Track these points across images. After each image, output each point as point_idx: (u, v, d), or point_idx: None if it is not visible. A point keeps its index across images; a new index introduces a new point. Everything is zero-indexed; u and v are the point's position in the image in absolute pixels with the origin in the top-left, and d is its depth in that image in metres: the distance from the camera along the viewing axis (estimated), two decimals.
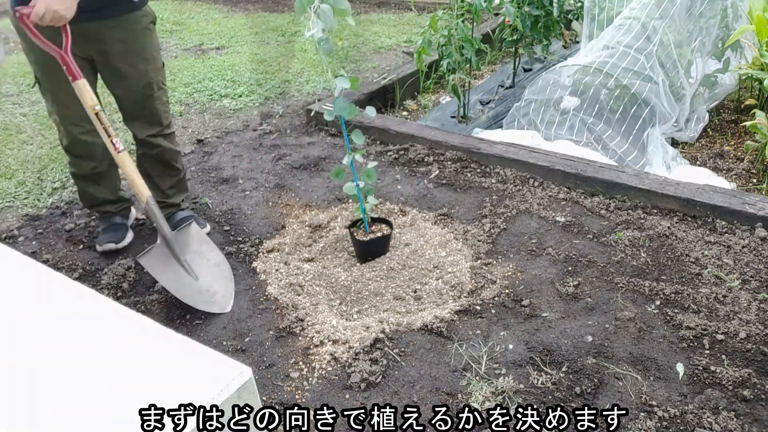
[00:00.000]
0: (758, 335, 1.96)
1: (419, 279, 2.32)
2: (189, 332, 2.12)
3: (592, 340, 1.98)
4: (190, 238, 2.34)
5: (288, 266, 2.42)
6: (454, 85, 3.52)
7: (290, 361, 1.97)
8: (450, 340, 2.01)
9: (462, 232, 2.58)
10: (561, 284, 2.23)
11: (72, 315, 1.09)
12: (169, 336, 1.03)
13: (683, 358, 1.90)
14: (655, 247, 2.41)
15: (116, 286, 2.35)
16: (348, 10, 1.98)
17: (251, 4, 7.27)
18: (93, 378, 0.95)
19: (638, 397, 1.77)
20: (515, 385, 1.81)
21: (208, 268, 2.30)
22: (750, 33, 3.27)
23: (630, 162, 3.14)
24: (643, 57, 3.19)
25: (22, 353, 1.00)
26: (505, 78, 4.47)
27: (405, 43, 5.34)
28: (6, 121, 4.00)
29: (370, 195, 2.40)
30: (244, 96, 4.29)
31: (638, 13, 3.31)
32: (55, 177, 3.25)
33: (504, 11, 3.52)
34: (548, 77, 3.43)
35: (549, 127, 3.36)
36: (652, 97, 3.20)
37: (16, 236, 2.74)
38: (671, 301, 2.13)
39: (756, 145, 3.02)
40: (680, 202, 2.61)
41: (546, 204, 2.74)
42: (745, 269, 2.27)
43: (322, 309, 2.18)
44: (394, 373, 1.89)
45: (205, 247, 2.37)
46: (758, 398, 1.75)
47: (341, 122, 2.30)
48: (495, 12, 4.49)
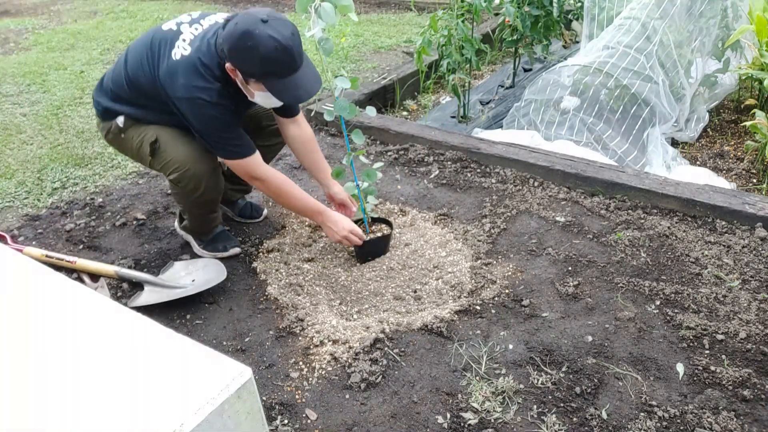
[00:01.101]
0: (758, 335, 1.96)
1: (419, 279, 2.32)
2: (189, 332, 2.12)
3: (592, 340, 1.98)
4: (175, 274, 2.39)
5: (288, 266, 2.42)
6: (454, 85, 3.52)
7: (290, 361, 1.97)
8: (450, 340, 2.01)
9: (462, 232, 2.58)
10: (561, 284, 2.23)
11: (72, 315, 1.09)
12: (169, 336, 1.03)
13: (683, 358, 1.90)
14: (655, 247, 2.41)
15: (116, 286, 2.35)
16: (351, 6, 1.98)
17: (251, 4, 7.28)
18: (93, 378, 0.95)
19: (638, 397, 1.77)
20: (515, 385, 1.81)
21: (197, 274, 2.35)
22: (750, 33, 3.27)
23: (630, 162, 3.14)
24: (643, 57, 3.19)
25: (22, 353, 1.00)
26: (505, 78, 4.47)
27: (405, 43, 5.34)
28: (6, 121, 4.00)
29: (371, 195, 2.40)
30: None
31: (638, 13, 3.31)
32: (55, 177, 3.25)
33: (504, 11, 3.52)
34: (548, 77, 3.43)
35: (549, 127, 3.36)
36: (652, 97, 3.20)
37: (16, 236, 2.74)
38: (671, 301, 2.13)
39: (756, 145, 3.02)
40: (680, 202, 2.61)
41: (546, 204, 2.74)
42: (745, 269, 2.27)
43: (322, 309, 2.18)
44: (394, 373, 1.89)
45: (191, 267, 2.41)
46: (758, 398, 1.75)
47: (341, 122, 2.29)
48: (495, 12, 4.49)
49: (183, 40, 2.01)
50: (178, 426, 0.86)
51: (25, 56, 5.47)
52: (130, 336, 1.03)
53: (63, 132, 3.80)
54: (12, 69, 5.06)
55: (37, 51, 5.64)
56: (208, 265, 2.39)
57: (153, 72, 2.04)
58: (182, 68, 1.96)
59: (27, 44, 5.92)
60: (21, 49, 5.78)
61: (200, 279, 2.31)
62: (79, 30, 6.28)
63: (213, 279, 2.29)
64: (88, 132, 3.79)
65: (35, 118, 4.03)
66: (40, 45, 5.82)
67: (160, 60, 2.02)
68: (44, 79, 4.79)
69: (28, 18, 7.09)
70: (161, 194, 3.03)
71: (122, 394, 0.91)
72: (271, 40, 1.82)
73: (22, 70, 4.98)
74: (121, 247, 2.62)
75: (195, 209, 2.36)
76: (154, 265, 2.49)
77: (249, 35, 1.82)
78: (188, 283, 2.29)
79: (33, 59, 5.33)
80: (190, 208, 2.36)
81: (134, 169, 3.31)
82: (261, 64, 1.86)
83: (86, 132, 3.79)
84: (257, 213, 2.75)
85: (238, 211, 2.74)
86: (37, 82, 4.73)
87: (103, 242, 2.67)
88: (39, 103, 4.28)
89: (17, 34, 6.36)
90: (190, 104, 1.98)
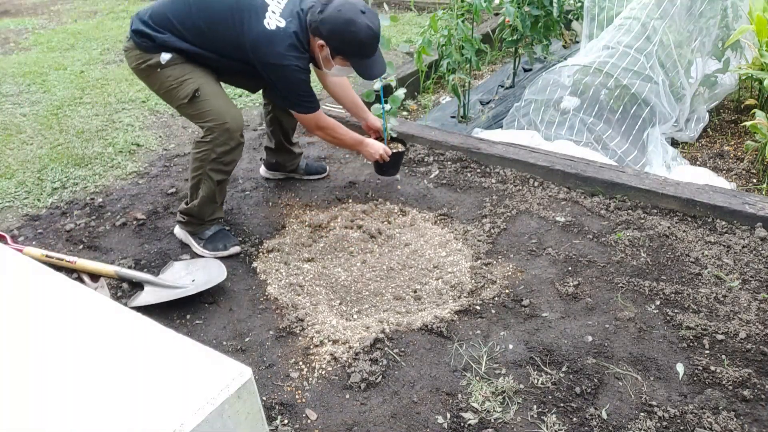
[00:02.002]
0: (758, 335, 1.96)
1: (419, 279, 2.32)
2: (189, 332, 2.12)
3: (592, 340, 1.98)
4: (174, 270, 2.41)
5: (288, 266, 2.42)
6: (454, 85, 3.52)
7: (290, 361, 1.97)
8: (450, 340, 2.01)
9: (462, 232, 2.58)
10: (561, 284, 2.23)
11: (72, 315, 1.09)
12: (169, 336, 1.03)
13: (683, 358, 1.90)
14: (655, 247, 2.41)
15: (116, 286, 2.35)
16: None
17: None
18: (93, 378, 0.95)
19: (638, 397, 1.77)
20: (515, 385, 1.81)
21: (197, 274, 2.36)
22: (750, 33, 3.27)
23: (630, 162, 3.14)
24: (643, 57, 3.19)
25: (22, 353, 1.00)
26: (505, 78, 4.47)
27: (405, 43, 5.34)
28: (6, 121, 4.00)
29: (393, 117, 2.95)
30: (244, 96, 4.29)
31: (638, 13, 3.31)
32: (55, 177, 3.25)
33: (504, 11, 3.52)
34: (548, 77, 3.43)
35: (549, 127, 3.36)
36: (652, 97, 3.20)
37: (16, 236, 2.74)
38: (671, 301, 2.13)
39: (756, 145, 3.02)
40: (680, 202, 2.61)
41: (546, 204, 2.74)
42: (745, 269, 2.27)
43: (322, 309, 2.18)
44: (394, 373, 1.89)
45: (191, 267, 2.42)
46: (758, 398, 1.75)
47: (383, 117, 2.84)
48: (495, 12, 4.49)
49: (273, 12, 2.29)
50: (178, 426, 0.86)
51: (25, 56, 5.47)
52: (130, 336, 1.03)
53: (63, 132, 3.80)
54: (12, 69, 5.06)
55: (37, 51, 5.63)
56: (208, 264, 2.39)
57: (238, 30, 2.28)
58: (280, 38, 2.26)
59: (27, 44, 5.92)
60: (21, 49, 5.78)
61: (200, 279, 2.31)
62: (79, 30, 6.28)
63: (213, 279, 2.29)
64: (88, 132, 3.79)
65: (35, 118, 4.03)
66: (40, 45, 5.82)
67: (250, 24, 2.27)
68: (44, 79, 4.79)
69: (28, 18, 7.09)
70: (161, 194, 3.03)
71: (122, 394, 0.91)
72: (368, 29, 2.26)
73: (22, 70, 4.98)
74: (121, 247, 2.62)
75: (212, 175, 2.41)
76: (154, 265, 2.49)
77: (352, 23, 2.23)
78: (188, 283, 2.29)
79: (33, 59, 5.33)
80: (207, 173, 2.40)
81: (134, 169, 3.31)
82: (357, 47, 2.30)
83: (86, 132, 3.79)
84: (322, 169, 3.13)
85: (305, 170, 3.09)
86: (37, 82, 4.73)
87: (103, 242, 2.67)
88: (39, 103, 4.28)
89: (17, 34, 6.36)
90: (283, 69, 2.30)
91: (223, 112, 2.34)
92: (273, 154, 3.01)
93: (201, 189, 2.45)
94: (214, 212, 2.53)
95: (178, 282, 2.31)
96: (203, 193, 2.45)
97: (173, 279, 2.34)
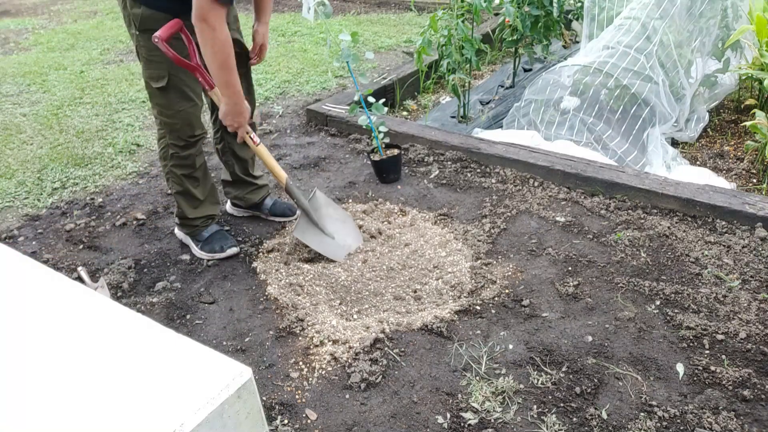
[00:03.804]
0: (758, 335, 1.96)
1: (419, 279, 2.32)
2: (189, 332, 2.12)
3: (592, 340, 1.98)
4: (318, 203, 2.54)
5: (288, 266, 2.42)
6: (454, 85, 3.52)
7: (290, 361, 1.97)
8: (450, 340, 2.01)
9: (462, 232, 2.58)
10: (561, 284, 2.23)
11: (72, 315, 1.09)
12: (169, 336, 1.03)
13: (683, 358, 1.90)
14: (655, 247, 2.41)
15: (116, 286, 2.35)
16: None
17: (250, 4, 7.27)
18: (93, 378, 0.95)
19: (638, 397, 1.77)
20: (515, 385, 1.81)
21: (337, 225, 2.53)
22: (750, 33, 3.27)
23: (630, 162, 3.14)
24: (643, 57, 3.19)
25: (22, 353, 1.00)
26: (505, 78, 4.47)
27: (405, 43, 5.34)
28: (6, 121, 4.00)
29: (382, 126, 2.99)
30: None
31: (638, 13, 3.31)
32: (55, 177, 3.25)
33: (504, 11, 3.52)
34: (548, 77, 3.43)
35: (549, 127, 3.36)
36: (652, 97, 3.20)
37: (16, 236, 2.74)
38: (671, 301, 2.13)
39: (756, 145, 3.02)
40: (680, 202, 2.61)
41: (546, 204, 2.74)
42: (745, 269, 2.27)
43: (322, 309, 2.18)
44: (394, 373, 1.89)
45: (331, 209, 2.57)
46: (758, 398, 1.75)
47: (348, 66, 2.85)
48: (495, 12, 4.49)
49: None
50: (178, 426, 0.86)
51: (25, 56, 5.47)
52: (130, 336, 1.03)
53: (63, 132, 3.80)
54: (12, 69, 5.06)
55: (37, 51, 5.64)
56: (346, 221, 2.56)
57: None
58: None
59: (27, 44, 5.92)
60: (21, 49, 5.78)
61: (340, 236, 2.49)
62: (79, 30, 6.28)
63: (351, 244, 2.49)
64: (88, 132, 3.79)
65: (35, 118, 4.03)
66: (40, 45, 5.82)
67: None
68: (44, 79, 4.79)
69: (28, 18, 7.09)
70: (161, 194, 3.03)
71: (122, 394, 0.91)
72: None
73: (22, 70, 4.98)
74: (121, 247, 2.62)
75: (174, 170, 2.37)
76: (154, 265, 2.49)
77: None
78: (332, 232, 2.48)
79: (33, 59, 5.33)
80: (171, 169, 2.37)
81: (134, 169, 3.32)
82: None
83: (86, 132, 3.79)
84: (290, 212, 2.76)
85: (270, 210, 2.75)
86: (37, 82, 4.73)
87: (103, 242, 2.67)
88: (39, 103, 4.29)
89: (17, 34, 6.36)
90: None
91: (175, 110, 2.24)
92: (231, 187, 2.72)
93: (171, 187, 2.45)
94: (200, 210, 2.48)
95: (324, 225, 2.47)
96: (174, 190, 2.44)
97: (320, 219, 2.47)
